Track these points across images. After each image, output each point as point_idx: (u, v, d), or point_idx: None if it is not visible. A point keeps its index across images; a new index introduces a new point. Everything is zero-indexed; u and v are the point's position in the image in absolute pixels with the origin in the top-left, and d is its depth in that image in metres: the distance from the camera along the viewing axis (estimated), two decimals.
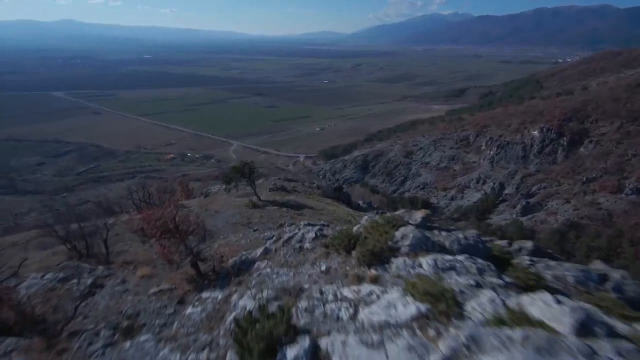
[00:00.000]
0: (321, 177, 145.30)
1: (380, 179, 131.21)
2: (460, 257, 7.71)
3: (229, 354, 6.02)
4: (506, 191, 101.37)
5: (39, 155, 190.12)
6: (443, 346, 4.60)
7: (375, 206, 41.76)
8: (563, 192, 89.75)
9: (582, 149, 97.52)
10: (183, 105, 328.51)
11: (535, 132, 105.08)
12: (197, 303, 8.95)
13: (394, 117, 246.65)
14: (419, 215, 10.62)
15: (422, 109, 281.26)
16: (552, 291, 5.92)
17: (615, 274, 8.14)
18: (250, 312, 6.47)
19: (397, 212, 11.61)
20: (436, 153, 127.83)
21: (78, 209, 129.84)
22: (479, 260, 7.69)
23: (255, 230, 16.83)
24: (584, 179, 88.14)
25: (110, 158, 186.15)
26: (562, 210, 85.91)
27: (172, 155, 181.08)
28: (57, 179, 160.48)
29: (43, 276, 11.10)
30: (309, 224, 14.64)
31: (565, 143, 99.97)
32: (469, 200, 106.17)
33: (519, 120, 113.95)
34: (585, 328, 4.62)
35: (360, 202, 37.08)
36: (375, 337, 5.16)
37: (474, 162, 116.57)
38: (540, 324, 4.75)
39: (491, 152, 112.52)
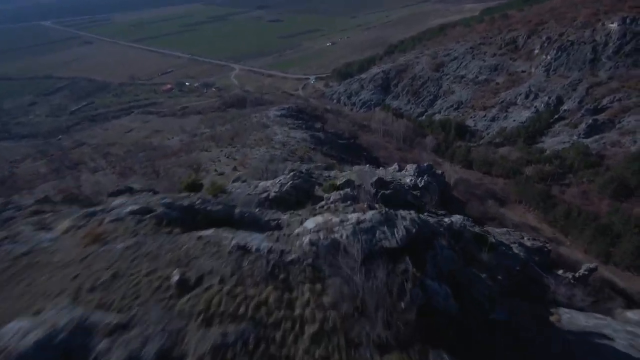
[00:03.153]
0: (335, 101, 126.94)
1: (404, 100, 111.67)
2: None
3: None
4: (565, 107, 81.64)
5: (31, 94, 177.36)
6: None
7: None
8: None
9: None
10: (179, 26, 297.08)
11: (614, 25, 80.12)
12: None
13: (417, 23, 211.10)
14: None
15: (451, 10, 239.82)
16: None
17: None
18: None
19: None
20: (474, 63, 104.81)
21: (74, 152, 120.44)
22: None
23: None
24: None
25: (104, 92, 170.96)
26: None
27: (169, 86, 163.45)
28: (51, 120, 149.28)
29: None
30: None
31: None
32: (514, 121, 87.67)
33: (590, 11, 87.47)
34: None
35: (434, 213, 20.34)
36: None
37: (524, 71, 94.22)
38: None
39: (548, 57, 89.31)
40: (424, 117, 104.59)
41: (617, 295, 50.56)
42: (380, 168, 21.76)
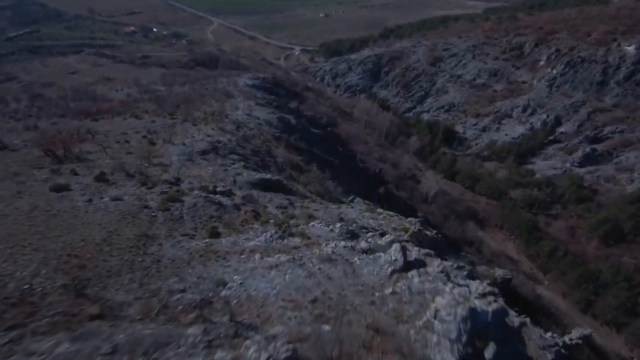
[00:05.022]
0: (318, 79, 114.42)
1: (393, 91, 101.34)
2: None
3: None
4: (562, 129, 75.05)
5: None
6: None
7: None
8: None
9: None
10: None
11: (630, 48, 73.21)
12: None
13: (418, 11, 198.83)
14: None
15: (452, 3, 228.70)
16: None
17: None
18: None
19: None
20: (473, 63, 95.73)
21: None
22: None
23: None
24: None
25: (54, 22, 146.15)
26: None
27: (132, 28, 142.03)
28: None
29: None
30: None
31: None
32: (507, 135, 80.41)
33: (606, 28, 79.94)
34: None
35: None
36: None
37: (525, 82, 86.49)
38: None
39: (553, 71, 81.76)
40: (411, 113, 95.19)
41: (593, 354, 45.05)
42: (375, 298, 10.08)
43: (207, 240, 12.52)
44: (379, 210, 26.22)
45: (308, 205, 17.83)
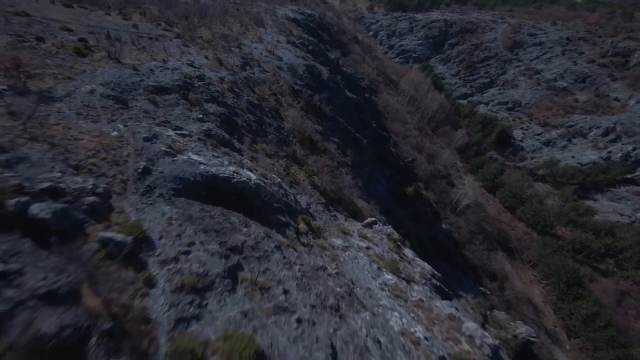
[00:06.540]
0: (371, 33, 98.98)
1: (453, 69, 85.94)
2: None
3: None
4: None
5: None
6: None
7: None
8: None
9: None
10: None
11: None
12: None
13: None
14: None
15: None
16: None
17: None
18: None
19: None
20: (560, 60, 78.66)
21: None
22: None
23: None
24: None
25: None
26: None
27: None
28: None
29: None
30: None
31: None
32: (574, 157, 66.59)
33: None
34: None
35: None
36: None
37: (618, 99, 70.28)
38: None
39: None
40: (466, 101, 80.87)
41: None
42: None
43: None
44: (408, 255, 16.28)
45: (268, 284, 7.69)
